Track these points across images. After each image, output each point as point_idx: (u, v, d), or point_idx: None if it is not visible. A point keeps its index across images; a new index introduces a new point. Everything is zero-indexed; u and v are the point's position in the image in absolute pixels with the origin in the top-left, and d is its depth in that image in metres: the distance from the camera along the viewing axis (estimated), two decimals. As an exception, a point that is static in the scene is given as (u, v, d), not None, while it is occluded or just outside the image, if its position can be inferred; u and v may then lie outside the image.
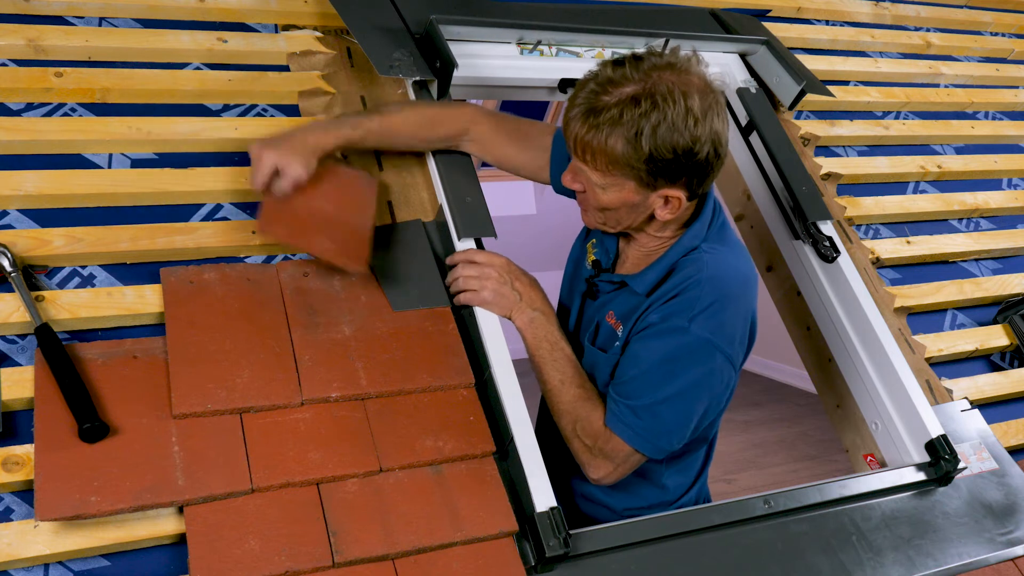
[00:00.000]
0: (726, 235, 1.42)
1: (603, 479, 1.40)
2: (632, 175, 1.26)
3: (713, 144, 1.25)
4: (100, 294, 1.31)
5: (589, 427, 1.38)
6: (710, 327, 1.31)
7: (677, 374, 1.32)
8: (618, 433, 1.35)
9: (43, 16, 1.55)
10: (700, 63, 1.27)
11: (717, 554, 1.37)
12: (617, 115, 1.22)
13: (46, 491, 1.09)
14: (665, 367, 1.33)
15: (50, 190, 1.37)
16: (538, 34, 1.81)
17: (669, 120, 1.21)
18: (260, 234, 1.40)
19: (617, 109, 1.22)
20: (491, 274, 1.41)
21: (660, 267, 1.39)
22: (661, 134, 1.21)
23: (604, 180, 1.29)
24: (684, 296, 1.33)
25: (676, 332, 1.31)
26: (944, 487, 1.59)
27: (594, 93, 1.24)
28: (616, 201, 1.31)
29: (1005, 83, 2.55)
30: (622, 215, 1.35)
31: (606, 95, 1.23)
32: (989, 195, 2.20)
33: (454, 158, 1.58)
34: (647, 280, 1.39)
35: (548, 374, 1.42)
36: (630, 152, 1.23)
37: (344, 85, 1.67)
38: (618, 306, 1.44)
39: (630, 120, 1.21)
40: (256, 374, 1.27)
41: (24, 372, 1.22)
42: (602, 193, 1.31)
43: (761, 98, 1.98)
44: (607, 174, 1.28)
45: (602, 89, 1.24)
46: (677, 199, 1.29)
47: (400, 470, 1.26)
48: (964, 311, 1.96)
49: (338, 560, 1.15)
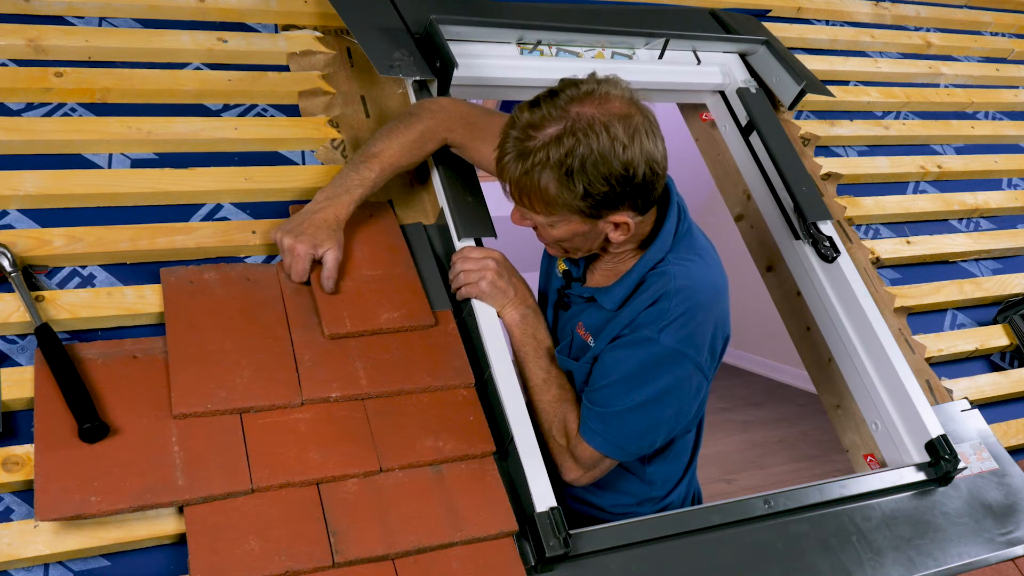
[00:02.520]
0: (693, 242, 1.41)
1: (575, 481, 1.43)
2: (574, 210, 1.25)
3: (648, 164, 1.23)
4: (100, 294, 1.31)
5: (562, 429, 1.42)
6: (679, 337, 1.32)
7: (646, 383, 1.33)
8: (587, 439, 1.38)
9: (43, 16, 1.55)
10: (619, 85, 1.25)
11: (717, 554, 1.37)
12: (544, 157, 1.20)
13: (46, 491, 1.09)
14: (634, 377, 1.34)
15: (50, 190, 1.37)
16: (538, 34, 1.81)
17: (595, 153, 1.19)
18: (331, 335, 1.34)
19: (543, 152, 1.20)
20: (489, 265, 1.43)
21: (628, 282, 1.39)
22: (590, 168, 1.20)
23: (549, 219, 1.29)
24: (654, 308, 1.34)
25: (646, 343, 1.33)
26: (944, 487, 1.59)
27: (519, 140, 1.23)
28: (567, 233, 1.31)
29: (1005, 83, 2.55)
30: (578, 243, 1.34)
31: (530, 140, 1.22)
32: (989, 195, 2.20)
33: (454, 158, 1.58)
34: (615, 296, 1.40)
35: (531, 371, 1.45)
36: (564, 192, 1.22)
37: (344, 85, 1.66)
38: (588, 318, 1.45)
39: (557, 160, 1.20)
40: (256, 374, 1.27)
41: (24, 372, 1.22)
42: (552, 229, 1.31)
43: (761, 98, 1.98)
44: (549, 214, 1.27)
45: (524, 135, 1.22)
46: (625, 224, 1.29)
47: (400, 470, 1.26)
48: (964, 311, 1.96)
49: (338, 560, 1.15)
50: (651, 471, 1.54)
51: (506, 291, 1.44)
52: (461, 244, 1.48)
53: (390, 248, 1.47)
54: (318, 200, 1.41)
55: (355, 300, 1.38)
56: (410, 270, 1.45)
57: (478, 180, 1.58)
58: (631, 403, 1.34)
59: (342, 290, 1.38)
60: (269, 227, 1.45)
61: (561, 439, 1.42)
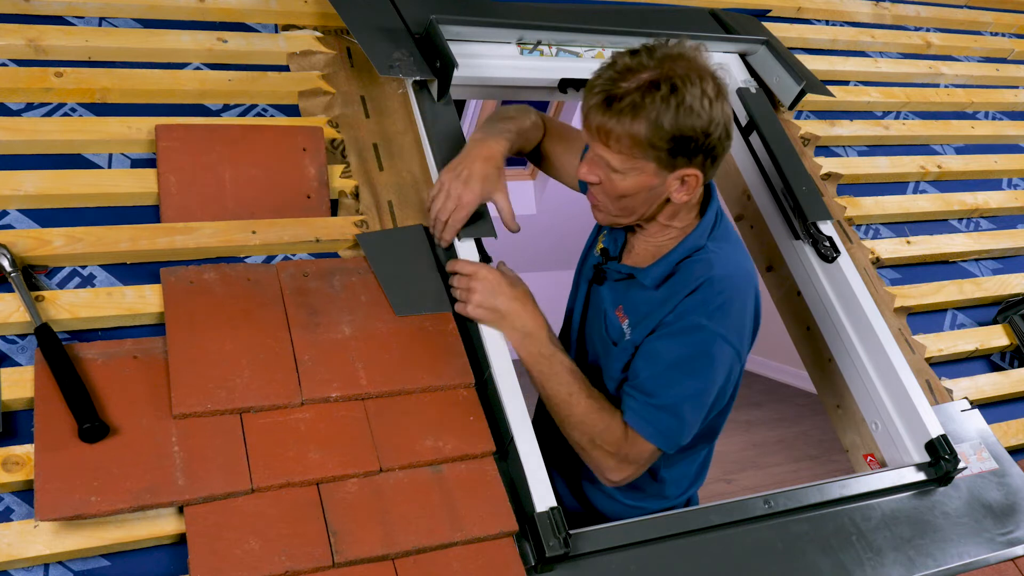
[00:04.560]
0: (728, 233, 1.46)
1: (623, 480, 1.40)
2: (653, 156, 1.30)
3: (724, 126, 1.32)
4: (100, 294, 1.31)
5: (611, 435, 1.36)
6: (724, 324, 1.35)
7: (697, 371, 1.35)
8: (641, 432, 1.35)
9: (43, 16, 1.55)
10: (704, 53, 1.34)
11: (717, 554, 1.37)
12: (639, 99, 1.26)
13: (46, 491, 1.09)
14: (685, 365, 1.35)
15: (50, 190, 1.37)
16: (538, 34, 1.81)
17: (687, 102, 1.26)
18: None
19: (638, 93, 1.26)
20: (475, 287, 1.40)
21: (667, 263, 1.42)
22: (681, 115, 1.26)
23: (625, 164, 1.31)
24: (698, 295, 1.36)
25: (694, 330, 1.35)
26: (944, 487, 1.59)
27: (612, 80, 1.28)
28: (634, 186, 1.34)
29: (1005, 83, 2.55)
30: (638, 202, 1.37)
31: (625, 81, 1.28)
32: (989, 195, 2.20)
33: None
34: (654, 274, 1.42)
35: (553, 389, 1.39)
36: (653, 133, 1.27)
37: (344, 85, 1.66)
38: (625, 300, 1.47)
39: (651, 103, 1.26)
40: (256, 374, 1.27)
41: (24, 372, 1.22)
42: (621, 180, 1.34)
43: (761, 98, 1.98)
44: (629, 158, 1.31)
45: (620, 76, 1.28)
46: (694, 177, 1.33)
47: (400, 470, 1.26)
48: (964, 311, 1.96)
49: (338, 560, 1.15)
50: (665, 473, 1.53)
51: (490, 314, 1.39)
52: (461, 244, 1.48)
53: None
54: (474, 138, 1.49)
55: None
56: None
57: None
58: (683, 393, 1.35)
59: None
60: (269, 227, 1.45)
61: (609, 447, 1.36)
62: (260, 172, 1.50)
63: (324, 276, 1.42)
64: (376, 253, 1.48)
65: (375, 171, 1.58)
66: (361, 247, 1.48)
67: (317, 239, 1.47)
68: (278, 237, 1.44)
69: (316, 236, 1.47)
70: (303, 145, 1.54)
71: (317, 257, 1.47)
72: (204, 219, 1.43)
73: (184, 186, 1.44)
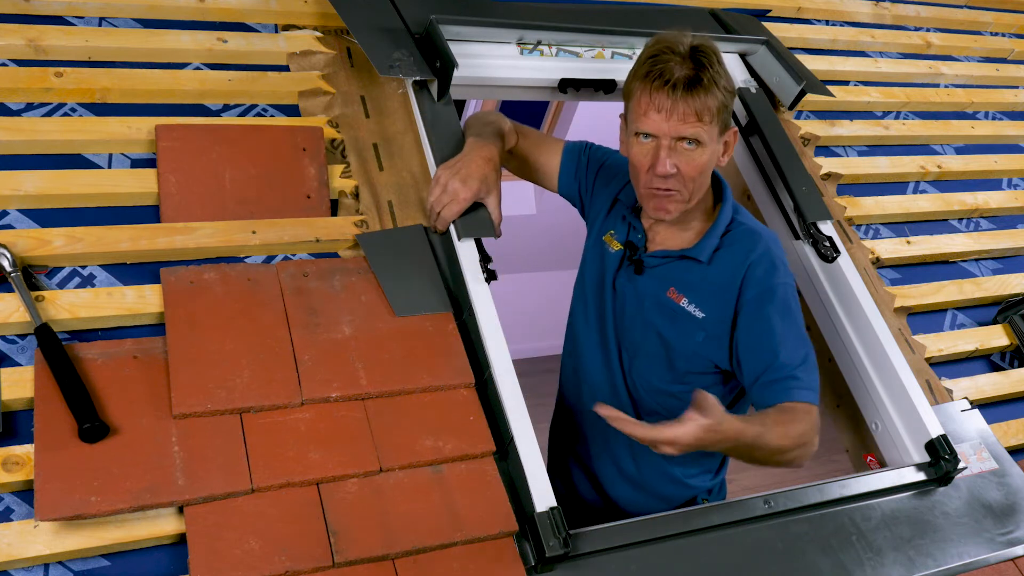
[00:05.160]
0: (740, 207, 1.58)
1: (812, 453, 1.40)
2: (720, 121, 1.40)
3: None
4: (100, 294, 1.31)
5: (799, 428, 1.36)
6: (788, 273, 1.50)
7: (797, 322, 1.46)
8: (812, 400, 1.39)
9: (43, 16, 1.55)
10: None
11: (717, 554, 1.37)
12: (713, 72, 1.36)
13: (46, 491, 1.09)
14: (788, 319, 1.44)
15: (50, 190, 1.37)
16: (538, 34, 1.81)
17: (727, 71, 1.40)
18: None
19: (713, 70, 1.36)
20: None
21: (714, 237, 1.51)
22: (728, 77, 1.40)
23: (709, 136, 1.39)
24: (763, 263, 1.47)
25: (778, 287, 1.46)
26: (944, 487, 1.59)
27: (678, 62, 1.36)
28: (708, 159, 1.42)
29: (1005, 83, 2.55)
30: (706, 177, 1.45)
31: (687, 60, 1.36)
32: (989, 195, 2.20)
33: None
34: (707, 249, 1.50)
35: (759, 456, 1.34)
36: (725, 98, 1.39)
37: (344, 85, 1.67)
38: (677, 281, 1.52)
39: (717, 72, 1.37)
40: (256, 374, 1.27)
41: (24, 372, 1.22)
42: (700, 156, 1.40)
43: (761, 98, 1.98)
44: (712, 128, 1.39)
45: (682, 58, 1.37)
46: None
47: (400, 470, 1.26)
48: (964, 311, 1.96)
49: (338, 560, 1.15)
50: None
51: (715, 444, 1.27)
52: (462, 245, 1.48)
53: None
54: (471, 140, 1.54)
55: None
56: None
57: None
58: (801, 342, 1.43)
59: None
60: (269, 227, 1.45)
61: (804, 437, 1.36)
62: (260, 172, 1.50)
63: (324, 276, 1.42)
64: (376, 253, 1.48)
65: (375, 171, 1.58)
66: (361, 247, 1.48)
67: (317, 239, 1.47)
68: (278, 237, 1.44)
69: (316, 236, 1.47)
70: (303, 145, 1.55)
71: (317, 257, 1.47)
72: (204, 219, 1.43)
73: (184, 186, 1.44)
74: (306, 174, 1.53)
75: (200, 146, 1.48)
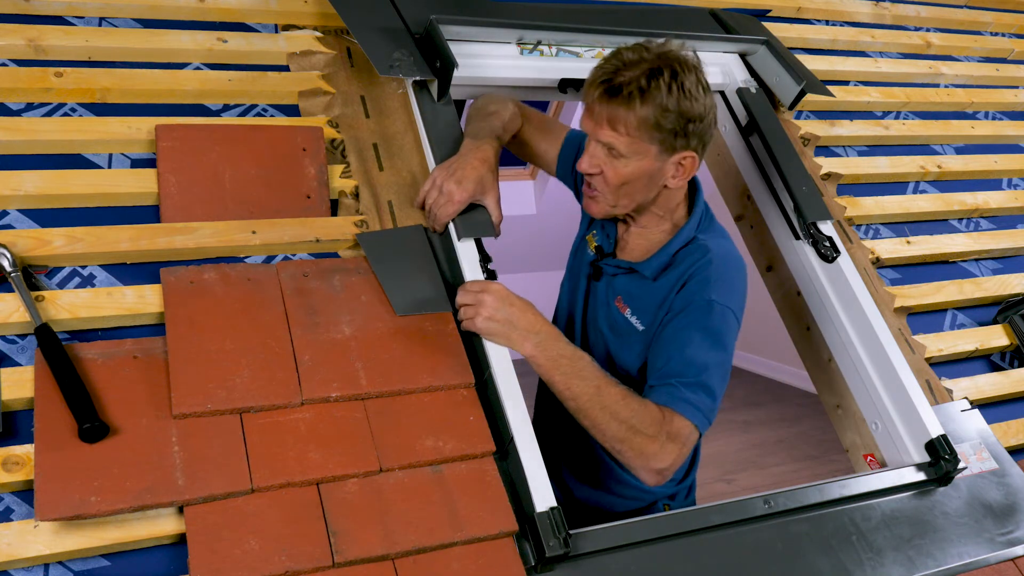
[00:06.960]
0: (714, 226, 1.55)
1: (669, 468, 1.35)
2: (657, 140, 1.37)
3: (713, 114, 1.41)
4: (100, 294, 1.31)
5: (648, 416, 1.34)
6: (729, 297, 1.44)
7: (715, 345, 1.41)
8: (676, 408, 1.36)
9: (43, 16, 1.55)
10: (690, 52, 1.43)
11: (717, 554, 1.37)
12: (644, 83, 1.34)
13: (46, 491, 1.09)
14: (703, 341, 1.40)
15: (50, 190, 1.37)
16: (538, 34, 1.81)
17: (686, 87, 1.36)
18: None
19: (644, 78, 1.34)
20: (484, 300, 1.37)
21: (665, 254, 1.50)
22: (683, 99, 1.35)
23: (630, 148, 1.37)
24: (698, 277, 1.44)
25: (702, 306, 1.42)
26: (944, 487, 1.59)
27: (616, 69, 1.36)
28: (636, 171, 1.40)
29: (1005, 83, 2.55)
30: (639, 188, 1.43)
31: (628, 70, 1.35)
32: (989, 195, 2.20)
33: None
34: (653, 266, 1.50)
35: (579, 387, 1.35)
36: (660, 115, 1.35)
37: (344, 85, 1.67)
38: (624, 292, 1.53)
39: (656, 87, 1.34)
40: (256, 374, 1.27)
41: (24, 372, 1.22)
42: (624, 166, 1.39)
43: (761, 98, 1.98)
44: (636, 141, 1.37)
45: (624, 66, 1.36)
46: (691, 159, 1.41)
47: (400, 470, 1.26)
48: (964, 311, 1.96)
49: (338, 560, 1.15)
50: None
51: (506, 324, 1.36)
52: (462, 244, 1.48)
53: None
54: (467, 140, 1.54)
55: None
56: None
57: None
58: (706, 365, 1.39)
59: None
60: (269, 227, 1.45)
61: (649, 429, 1.33)
62: (260, 172, 1.50)
63: (324, 276, 1.42)
64: (376, 253, 1.48)
65: (375, 171, 1.58)
66: (361, 247, 1.48)
67: (317, 239, 1.47)
68: (278, 237, 1.44)
69: (316, 236, 1.47)
70: (303, 145, 1.55)
71: (317, 257, 1.47)
72: (204, 219, 1.43)
73: (184, 186, 1.44)
74: (306, 174, 1.53)
75: (200, 146, 1.48)
